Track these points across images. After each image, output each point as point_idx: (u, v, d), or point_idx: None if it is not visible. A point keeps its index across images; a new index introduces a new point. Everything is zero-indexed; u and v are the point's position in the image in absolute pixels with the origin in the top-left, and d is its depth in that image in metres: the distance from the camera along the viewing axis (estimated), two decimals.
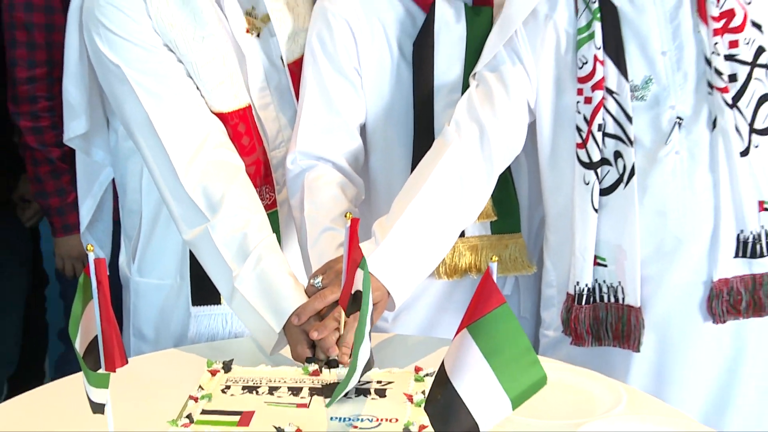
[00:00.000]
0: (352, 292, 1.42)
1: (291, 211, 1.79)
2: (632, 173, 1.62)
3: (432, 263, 1.64)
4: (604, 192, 1.65)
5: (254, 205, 1.65)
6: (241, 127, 1.72)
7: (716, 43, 1.57)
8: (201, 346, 1.67)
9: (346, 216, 1.39)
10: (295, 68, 1.79)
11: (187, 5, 1.67)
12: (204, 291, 1.76)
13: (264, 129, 1.77)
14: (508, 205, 1.82)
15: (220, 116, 1.70)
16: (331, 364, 1.45)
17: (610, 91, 1.62)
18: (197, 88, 1.69)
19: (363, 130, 1.82)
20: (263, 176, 1.76)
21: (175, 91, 1.66)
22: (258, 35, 1.78)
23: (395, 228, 1.57)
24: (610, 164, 1.64)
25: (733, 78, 1.59)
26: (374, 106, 1.80)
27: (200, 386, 1.38)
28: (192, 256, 1.73)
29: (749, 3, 1.58)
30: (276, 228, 1.73)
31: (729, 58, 1.58)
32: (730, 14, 1.58)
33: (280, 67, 1.79)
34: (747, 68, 1.59)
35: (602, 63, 1.61)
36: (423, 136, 1.76)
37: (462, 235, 1.76)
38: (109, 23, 1.64)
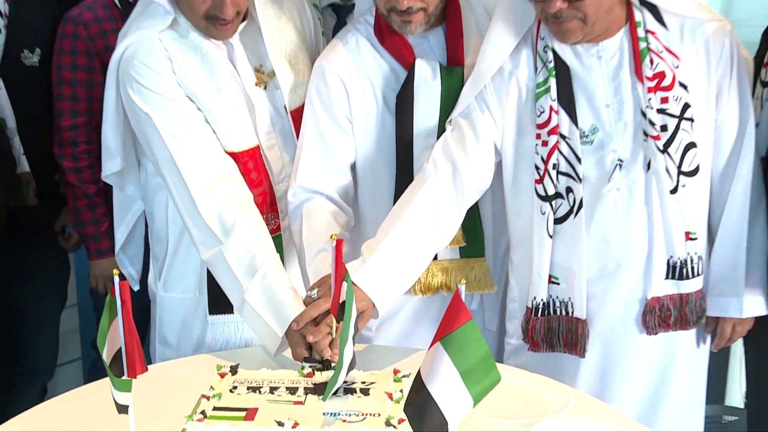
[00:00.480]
0: (340, 302, 1.43)
1: (292, 235, 1.77)
2: (580, 206, 1.62)
3: (410, 279, 1.64)
4: (557, 221, 1.65)
5: (261, 230, 1.65)
6: (250, 164, 1.72)
7: (650, 99, 1.58)
8: (211, 354, 1.67)
9: (331, 237, 1.40)
10: (297, 115, 1.79)
11: (205, 63, 1.68)
12: (219, 302, 1.75)
13: (270, 166, 1.77)
14: (475, 234, 1.80)
15: (233, 155, 1.70)
16: (326, 363, 1.45)
17: (563, 136, 1.63)
18: (213, 131, 1.68)
19: (353, 168, 1.81)
20: (269, 205, 1.76)
21: (195, 135, 1.66)
22: (265, 87, 1.77)
23: (379, 249, 1.57)
24: (563, 198, 1.64)
25: (664, 128, 1.59)
26: (363, 148, 1.79)
27: (211, 387, 1.38)
28: (209, 273, 1.72)
29: (677, 67, 1.59)
30: (280, 249, 1.73)
31: (661, 111, 1.59)
32: (661, 75, 1.58)
33: (283, 115, 1.79)
34: (675, 120, 1.59)
35: (557, 112, 1.62)
36: (404, 174, 1.76)
37: (435, 258, 1.75)
38: (140, 79, 1.65)
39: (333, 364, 1.44)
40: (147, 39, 1.66)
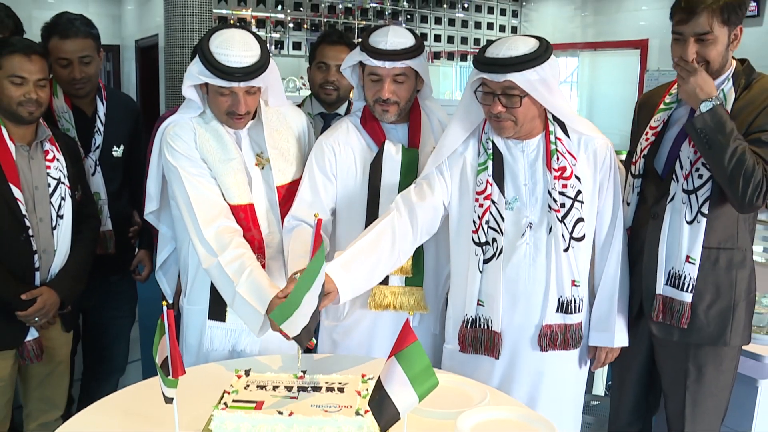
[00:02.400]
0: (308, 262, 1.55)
1: (284, 246, 1.92)
2: (501, 252, 1.79)
3: (368, 280, 1.77)
4: (485, 261, 1.80)
5: (247, 248, 1.85)
6: (241, 215, 1.91)
7: (554, 184, 1.77)
8: (230, 361, 1.82)
9: (315, 215, 1.62)
10: (281, 189, 1.97)
11: (219, 141, 1.91)
12: (216, 310, 1.94)
13: (259, 221, 1.94)
14: (417, 269, 1.98)
15: (231, 206, 1.90)
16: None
17: (493, 202, 1.80)
18: (218, 186, 1.89)
19: (334, 212, 2.01)
20: (257, 248, 1.91)
21: (205, 186, 1.88)
22: (262, 168, 1.97)
23: (346, 252, 1.73)
24: (490, 245, 1.80)
25: (563, 205, 1.77)
26: (343, 197, 1.99)
27: (231, 385, 1.50)
28: (211, 289, 1.90)
29: (574, 165, 1.80)
30: None
31: (561, 193, 1.78)
32: (563, 169, 1.79)
33: (273, 188, 1.97)
34: (570, 201, 1.78)
35: (491, 184, 1.80)
36: (371, 217, 1.94)
37: (387, 283, 1.94)
38: (173, 144, 1.89)
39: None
40: (182, 120, 1.93)
